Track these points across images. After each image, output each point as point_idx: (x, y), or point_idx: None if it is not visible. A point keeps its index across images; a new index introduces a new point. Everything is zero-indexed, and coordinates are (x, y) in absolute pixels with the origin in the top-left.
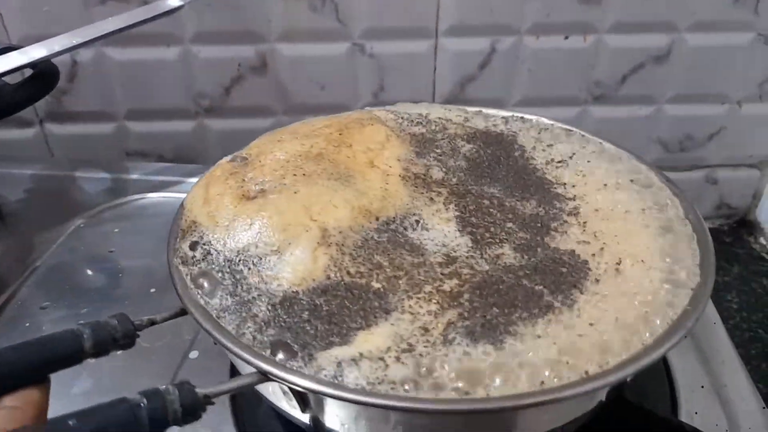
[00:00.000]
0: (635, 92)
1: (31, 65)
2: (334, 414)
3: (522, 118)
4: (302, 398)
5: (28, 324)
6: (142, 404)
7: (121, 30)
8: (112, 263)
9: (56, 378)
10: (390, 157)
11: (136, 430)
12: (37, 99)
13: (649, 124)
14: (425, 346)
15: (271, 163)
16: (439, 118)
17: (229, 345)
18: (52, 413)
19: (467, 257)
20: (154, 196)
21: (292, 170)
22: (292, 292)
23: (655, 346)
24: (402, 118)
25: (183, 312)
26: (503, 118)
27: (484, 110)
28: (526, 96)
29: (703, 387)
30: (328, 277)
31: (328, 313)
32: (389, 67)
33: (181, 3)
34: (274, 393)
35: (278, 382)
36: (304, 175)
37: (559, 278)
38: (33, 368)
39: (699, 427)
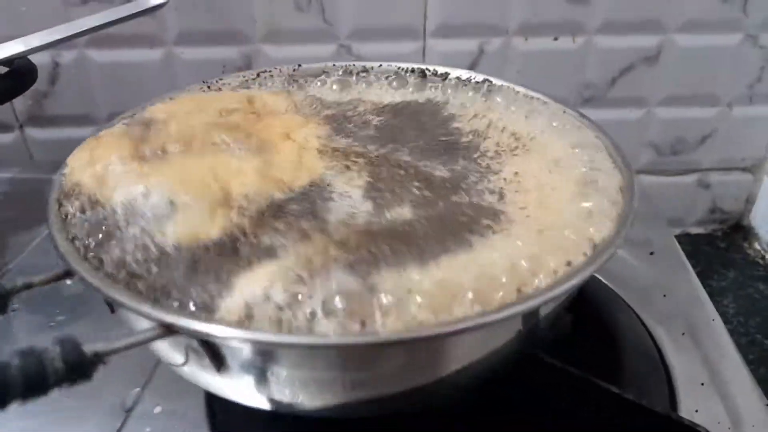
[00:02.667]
0: (626, 94)
1: (7, 62)
2: (252, 365)
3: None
4: (214, 353)
5: None
6: (13, 363)
7: (101, 27)
8: None
9: None
10: (309, 134)
11: (4, 391)
12: (12, 96)
13: (641, 127)
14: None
15: (180, 128)
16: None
17: (122, 299)
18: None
19: (365, 218)
20: None
21: (202, 137)
22: (174, 247)
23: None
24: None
25: (67, 274)
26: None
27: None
28: None
29: (703, 384)
30: (222, 237)
31: (207, 266)
32: None
33: (163, 1)
34: (178, 355)
35: (185, 333)
36: (213, 144)
37: (456, 225)
38: None
39: (701, 424)
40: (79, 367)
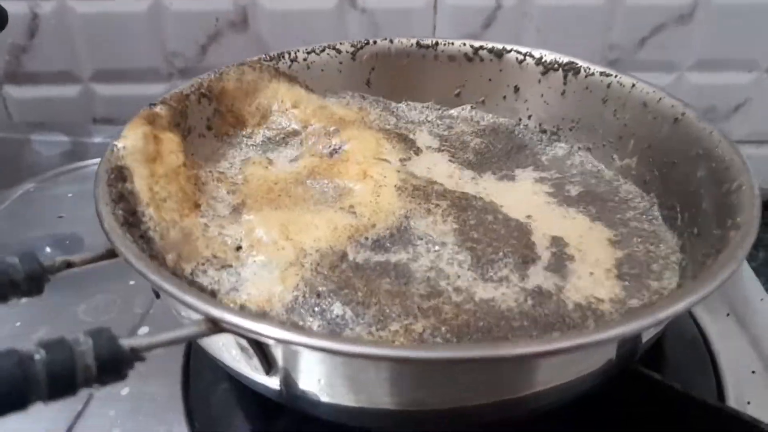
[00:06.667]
0: (654, 57)
1: None
2: (307, 370)
3: None
4: (265, 354)
5: None
6: (36, 356)
7: None
8: (59, 229)
9: None
10: (385, 166)
11: (26, 390)
12: None
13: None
14: None
15: (258, 182)
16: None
17: (169, 287)
18: None
19: (454, 289)
20: None
21: (278, 192)
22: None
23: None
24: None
25: (111, 254)
26: None
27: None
28: None
29: (754, 372)
30: (296, 299)
31: None
32: (384, 24)
33: None
34: (231, 353)
35: (233, 332)
36: (289, 197)
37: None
38: None
39: (756, 417)
40: (112, 365)
